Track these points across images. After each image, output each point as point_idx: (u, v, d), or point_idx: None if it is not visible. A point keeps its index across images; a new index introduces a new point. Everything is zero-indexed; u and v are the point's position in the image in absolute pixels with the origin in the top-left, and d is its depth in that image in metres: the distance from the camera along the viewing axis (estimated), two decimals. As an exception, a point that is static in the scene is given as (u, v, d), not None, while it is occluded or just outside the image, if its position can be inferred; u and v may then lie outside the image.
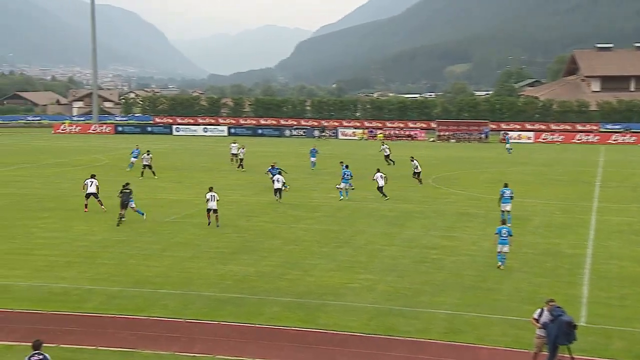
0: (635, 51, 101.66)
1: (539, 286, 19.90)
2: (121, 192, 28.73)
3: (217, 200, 27.99)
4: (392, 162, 50.01)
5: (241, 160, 47.65)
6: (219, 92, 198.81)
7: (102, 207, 30.75)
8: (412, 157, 42.14)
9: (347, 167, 36.27)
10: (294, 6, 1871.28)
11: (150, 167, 43.29)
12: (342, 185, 35.27)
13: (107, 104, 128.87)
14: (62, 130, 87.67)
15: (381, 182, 34.72)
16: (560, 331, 13.48)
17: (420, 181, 40.14)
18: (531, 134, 78.62)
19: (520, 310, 17.50)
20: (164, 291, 19.25)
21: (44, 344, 12.17)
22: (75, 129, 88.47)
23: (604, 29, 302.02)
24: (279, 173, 35.21)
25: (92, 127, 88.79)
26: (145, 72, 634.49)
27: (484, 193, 37.24)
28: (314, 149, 49.26)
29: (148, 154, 43.74)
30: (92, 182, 31.37)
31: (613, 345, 15.55)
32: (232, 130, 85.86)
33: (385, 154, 51.26)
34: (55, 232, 26.91)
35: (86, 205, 31.06)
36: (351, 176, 35.56)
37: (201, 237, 26.13)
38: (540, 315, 14.05)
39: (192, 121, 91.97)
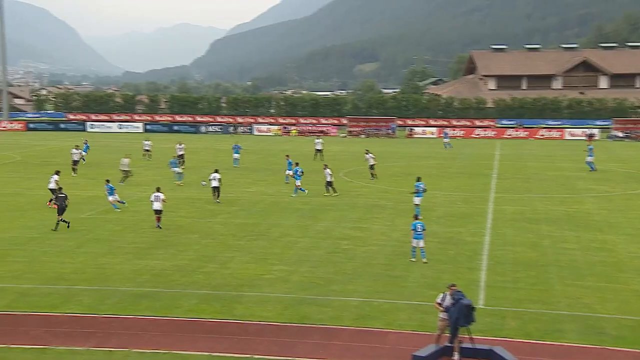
0: (527, 52, 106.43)
1: (442, 272, 20.56)
2: (56, 197, 26.87)
3: (163, 201, 26.62)
4: (321, 157, 50.00)
5: (181, 156, 45.30)
6: (134, 89, 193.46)
7: (49, 203, 29.40)
8: (367, 150, 42.71)
9: (297, 164, 36.41)
10: (208, 5, 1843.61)
11: (76, 162, 41.96)
12: (298, 182, 34.83)
13: (18, 101, 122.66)
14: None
15: (329, 178, 34.60)
16: (461, 314, 13.96)
17: (372, 175, 40.49)
18: (434, 129, 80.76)
19: (425, 296, 18.03)
20: (79, 287, 18.61)
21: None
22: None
23: (499, 30, 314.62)
24: (216, 171, 34.01)
25: (2, 124, 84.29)
26: (58, 68, 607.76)
27: (392, 186, 38.07)
28: (236, 145, 48.29)
29: (77, 149, 42.51)
30: (53, 178, 30.52)
31: (507, 325, 16.29)
32: (148, 127, 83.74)
33: (318, 148, 51.48)
34: (-37, 231, 25.45)
35: (50, 200, 29.55)
36: (302, 173, 35.29)
37: (117, 233, 25.40)
38: (443, 299, 14.51)
39: (106, 118, 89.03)
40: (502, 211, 30.76)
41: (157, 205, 26.57)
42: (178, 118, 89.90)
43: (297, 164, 36.83)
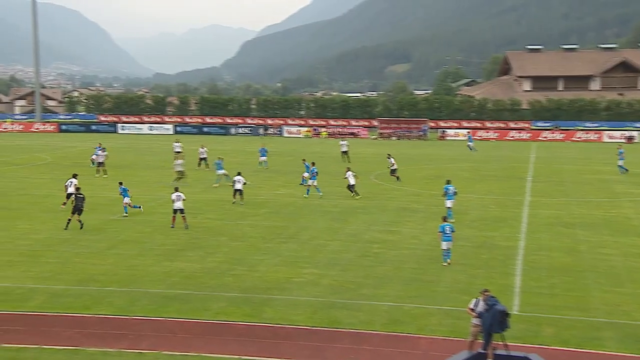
0: (563, 52, 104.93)
1: (475, 277, 20.36)
2: (75, 197, 27.25)
3: (184, 200, 27.18)
4: (348, 160, 50.07)
5: (202, 159, 45.96)
6: (165, 90, 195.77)
7: (63, 206, 29.75)
8: (389, 155, 42.69)
9: (313, 164, 36.50)
10: (239, 6, 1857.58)
11: (102, 164, 42.63)
12: (311, 182, 35.11)
13: (50, 103, 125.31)
14: (4, 129, 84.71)
15: (352, 181, 34.47)
16: (495, 320, 13.78)
17: (397, 178, 40.46)
18: (467, 131, 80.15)
19: (457, 301, 17.87)
20: (110, 289, 18.88)
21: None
22: (17, 127, 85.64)
23: (534, 31, 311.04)
24: (239, 174, 34.50)
25: (35, 126, 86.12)
26: (89, 70, 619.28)
27: (424, 189, 37.86)
28: (263, 148, 48.64)
29: (103, 151, 43.18)
30: (71, 182, 30.43)
31: (543, 332, 16.06)
32: (178, 129, 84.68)
33: (343, 150, 51.49)
34: (-3, 231, 26.01)
35: (64, 203, 29.94)
36: (316, 173, 35.50)
37: (147, 235, 25.71)
38: (476, 305, 14.35)
39: (137, 120, 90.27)
40: (537, 215, 30.35)
41: (179, 205, 26.97)
42: (208, 120, 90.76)
43: (313, 163, 36.89)
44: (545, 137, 76.58)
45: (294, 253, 23.26)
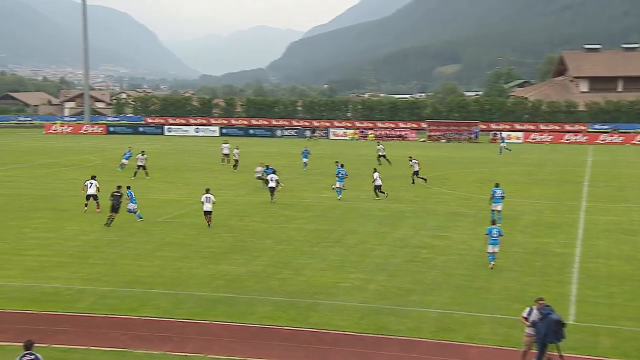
0: (623, 52, 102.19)
1: (528, 285, 19.98)
2: (112, 195, 28.27)
3: (213, 203, 27.80)
4: (388, 162, 50.11)
5: (236, 161, 46.97)
6: (211, 92, 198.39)
7: (98, 209, 30.56)
8: (411, 157, 42.82)
9: (342, 166, 36.47)
10: (286, 7, 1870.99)
11: (144, 167, 43.17)
12: (338, 184, 35.33)
13: (99, 105, 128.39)
14: (54, 130, 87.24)
15: (379, 182, 34.89)
16: (549, 329, 13.52)
17: (423, 179, 40.71)
18: (520, 134, 78.93)
19: (510, 309, 17.56)
20: (155, 291, 19.20)
21: (36, 344, 12.11)
22: (66, 129, 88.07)
23: (592, 29, 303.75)
24: (274, 172, 35.26)
25: (84, 128, 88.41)
26: (137, 72, 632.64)
27: (474, 193, 37.36)
28: (305, 150, 49.20)
29: (142, 155, 43.58)
30: (92, 183, 31.15)
31: (601, 343, 15.63)
32: (224, 131, 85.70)
33: (380, 153, 51.40)
34: (46, 232, 26.78)
35: (86, 205, 30.93)
36: (346, 175, 35.71)
37: (193, 237, 26.07)
38: (529, 313, 14.09)
39: (183, 121, 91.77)
40: (594, 221, 29.60)
41: (208, 207, 27.60)
42: (254, 122, 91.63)
43: (342, 165, 36.88)
44: (603, 140, 74.72)
45: (340, 257, 23.24)
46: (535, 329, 13.79)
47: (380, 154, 51.48)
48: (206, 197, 27.81)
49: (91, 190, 30.91)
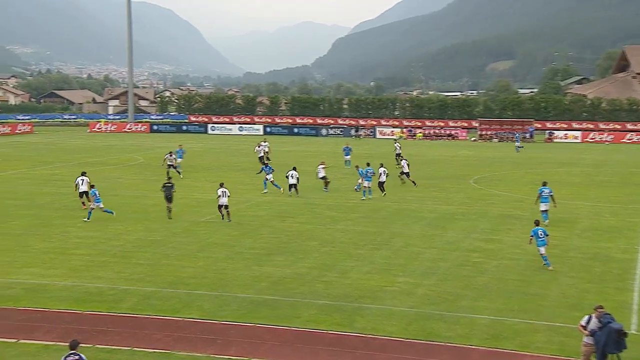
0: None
1: (586, 292, 19.56)
2: (164, 186, 30.55)
3: (229, 197, 29.32)
4: (399, 162, 49.60)
5: (262, 156, 48.99)
6: (255, 90, 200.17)
7: (85, 206, 31.46)
8: (401, 157, 44.29)
9: (368, 164, 36.72)
10: (332, 3, 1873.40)
11: (174, 167, 43.70)
12: (366, 183, 35.28)
13: (143, 103, 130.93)
14: (98, 129, 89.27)
15: (383, 178, 35.84)
16: (610, 339, 13.24)
17: (406, 181, 39.92)
18: (578, 133, 77.32)
19: (567, 317, 17.22)
20: (199, 292, 19.46)
21: (81, 344, 12.41)
22: (110, 127, 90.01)
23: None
24: (294, 169, 36.36)
25: (128, 126, 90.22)
26: (181, 70, 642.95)
27: (528, 194, 36.69)
28: (347, 147, 49.24)
29: (171, 155, 44.24)
30: (83, 179, 32.15)
31: (665, 355, 15.18)
32: (268, 129, 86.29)
33: (398, 152, 50.87)
34: (91, 231, 27.42)
35: (83, 203, 31.87)
36: (373, 174, 35.87)
37: (236, 238, 26.33)
38: (588, 322, 13.81)
39: (227, 120, 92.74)
40: (658, 226, 28.79)
41: (224, 201, 29.06)
42: (298, 120, 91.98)
43: (368, 164, 36.91)
44: (667, 140, 72.62)
45: (387, 260, 23.16)
46: (594, 339, 13.51)
47: (398, 152, 50.94)
48: (222, 191, 29.20)
49: (83, 187, 31.99)
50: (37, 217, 30.12)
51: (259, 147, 50.42)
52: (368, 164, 36.87)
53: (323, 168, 38.49)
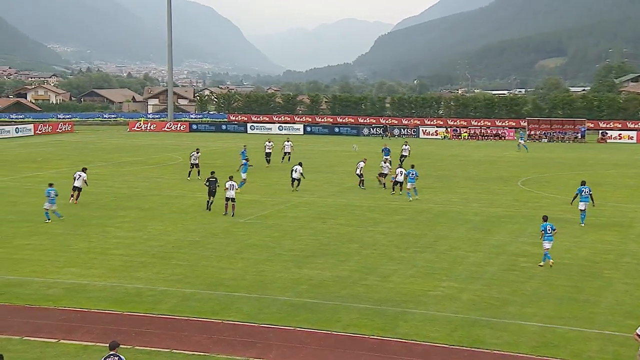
0: None
1: (641, 299, 19.12)
2: (208, 181, 31.84)
3: (236, 190, 30.47)
4: (405, 161, 49.08)
5: (288, 153, 51.18)
6: (295, 89, 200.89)
7: (75, 200, 32.79)
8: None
9: (412, 166, 36.48)
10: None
11: (197, 165, 43.15)
12: (409, 185, 35.16)
13: (182, 102, 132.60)
14: (138, 128, 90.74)
15: (400, 178, 36.09)
16: (666, 350, 12.90)
17: (384, 185, 39.32)
18: (634, 133, 75.61)
19: (621, 325, 16.86)
20: (238, 294, 19.59)
21: (121, 346, 12.60)
22: (150, 126, 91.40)
23: None
24: (300, 164, 38.03)
25: (167, 125, 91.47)
26: (220, 68, 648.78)
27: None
28: (386, 148, 48.84)
29: (197, 152, 43.76)
30: (80, 175, 33.29)
31: None
32: (308, 129, 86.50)
33: (404, 154, 50.19)
34: (130, 231, 27.86)
35: (72, 195, 33.20)
36: (417, 176, 35.66)
37: (275, 240, 26.45)
38: (643, 331, 13.51)
39: (267, 119, 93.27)
40: None
41: (231, 194, 30.26)
42: (339, 119, 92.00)
43: (412, 166, 36.89)
44: None
45: (431, 264, 22.98)
46: (649, 349, 13.19)
47: (404, 154, 50.24)
48: (230, 184, 30.24)
49: (77, 183, 33.14)
50: (76, 216, 30.72)
51: (269, 142, 51.52)
52: (412, 166, 36.71)
53: (363, 166, 39.19)
